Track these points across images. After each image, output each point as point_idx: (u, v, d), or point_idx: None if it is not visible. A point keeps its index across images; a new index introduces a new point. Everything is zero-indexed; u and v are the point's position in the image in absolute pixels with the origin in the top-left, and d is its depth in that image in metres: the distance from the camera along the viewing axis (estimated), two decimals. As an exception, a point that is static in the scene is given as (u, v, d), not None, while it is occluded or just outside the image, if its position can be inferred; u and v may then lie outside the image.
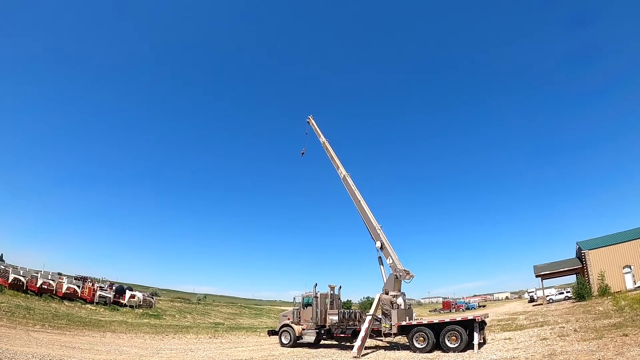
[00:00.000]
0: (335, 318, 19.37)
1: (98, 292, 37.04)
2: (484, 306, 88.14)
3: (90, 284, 38.16)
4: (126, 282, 75.44)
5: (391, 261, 19.09)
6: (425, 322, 16.09)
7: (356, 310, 21.14)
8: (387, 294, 17.88)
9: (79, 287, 36.14)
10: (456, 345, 14.58)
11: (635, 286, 36.45)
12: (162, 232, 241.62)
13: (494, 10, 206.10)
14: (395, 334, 16.94)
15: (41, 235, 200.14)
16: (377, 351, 16.89)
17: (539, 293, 73.41)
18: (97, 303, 35.92)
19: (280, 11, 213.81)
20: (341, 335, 18.79)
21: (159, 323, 33.78)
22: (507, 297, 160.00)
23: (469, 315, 15.82)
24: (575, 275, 49.75)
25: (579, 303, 35.40)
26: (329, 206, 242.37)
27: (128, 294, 40.73)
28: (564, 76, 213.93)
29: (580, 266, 44.83)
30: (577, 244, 48.42)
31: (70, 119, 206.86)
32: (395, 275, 18.50)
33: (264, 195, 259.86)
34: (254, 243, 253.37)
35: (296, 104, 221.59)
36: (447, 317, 16.54)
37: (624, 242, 40.08)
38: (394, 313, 16.95)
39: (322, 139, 25.69)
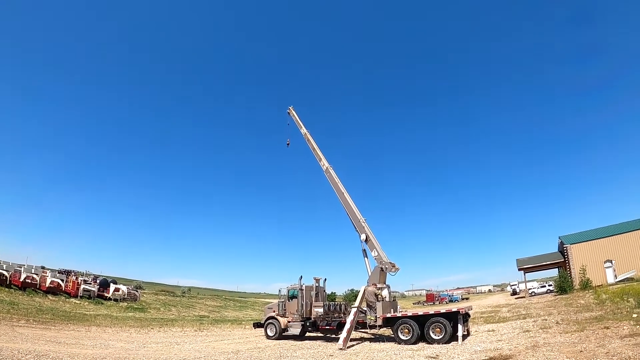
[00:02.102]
0: (321, 310, 19.25)
1: (82, 286, 36.38)
2: (467, 299, 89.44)
3: (74, 278, 37.37)
4: (109, 275, 74.39)
5: (376, 254, 19.01)
6: (410, 314, 16.09)
7: (341, 303, 21.08)
8: (372, 286, 17.82)
9: (62, 280, 35.38)
10: (440, 337, 14.62)
11: (616, 280, 37.31)
12: (145, 225, 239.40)
13: (496, 7, 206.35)
14: (380, 326, 16.92)
15: (23, 229, 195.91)
16: (362, 343, 16.86)
17: (522, 286, 74.90)
18: (81, 297, 35.33)
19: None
20: (326, 327, 18.72)
21: (143, 316, 33.40)
22: (490, 289, 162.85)
23: (453, 307, 15.88)
24: (557, 269, 50.71)
25: (561, 296, 36.09)
26: (313, 199, 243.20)
27: (112, 287, 40.09)
28: (557, 73, 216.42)
29: (562, 260, 45.68)
30: (559, 238, 49.30)
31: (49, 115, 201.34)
32: (381, 267, 18.45)
33: (247, 187, 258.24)
34: (238, 235, 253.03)
35: (276, 95, 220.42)
36: (431, 310, 16.59)
37: (606, 237, 40.96)
38: (378, 305, 16.91)
39: (304, 130, 25.38)
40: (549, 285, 54.17)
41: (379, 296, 17.37)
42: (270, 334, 20.40)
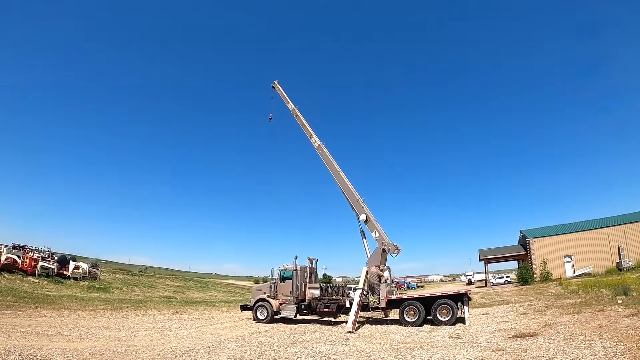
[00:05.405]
0: (317, 292, 18.92)
1: (40, 263, 33.63)
2: (422, 286, 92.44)
3: (31, 254, 34.39)
4: (57, 251, 69.66)
5: (377, 235, 18.68)
6: (416, 296, 16.21)
7: (339, 284, 20.88)
8: (375, 268, 17.68)
9: (19, 257, 32.38)
10: (447, 318, 14.83)
11: (575, 274, 40.10)
12: (92, 199, 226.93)
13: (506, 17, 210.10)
14: (384, 308, 16.90)
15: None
16: (366, 326, 16.70)
17: (477, 276, 78.84)
18: (39, 275, 32.76)
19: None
20: (325, 310, 18.34)
21: (110, 297, 31.52)
22: (441, 279, 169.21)
23: (460, 289, 16.19)
24: (516, 261, 53.62)
25: (524, 287, 38.09)
26: (270, 179, 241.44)
27: (72, 265, 37.15)
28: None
29: (524, 253, 48.31)
30: (520, 231, 52.03)
31: None
32: (382, 248, 18.26)
33: (202, 165, 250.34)
34: (190, 215, 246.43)
35: (248, 65, 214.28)
36: (438, 291, 16.82)
37: (566, 233, 43.94)
38: (382, 287, 16.87)
39: (291, 105, 24.37)
40: (507, 277, 57.27)
41: (382, 278, 17.33)
42: (260, 317, 19.75)
